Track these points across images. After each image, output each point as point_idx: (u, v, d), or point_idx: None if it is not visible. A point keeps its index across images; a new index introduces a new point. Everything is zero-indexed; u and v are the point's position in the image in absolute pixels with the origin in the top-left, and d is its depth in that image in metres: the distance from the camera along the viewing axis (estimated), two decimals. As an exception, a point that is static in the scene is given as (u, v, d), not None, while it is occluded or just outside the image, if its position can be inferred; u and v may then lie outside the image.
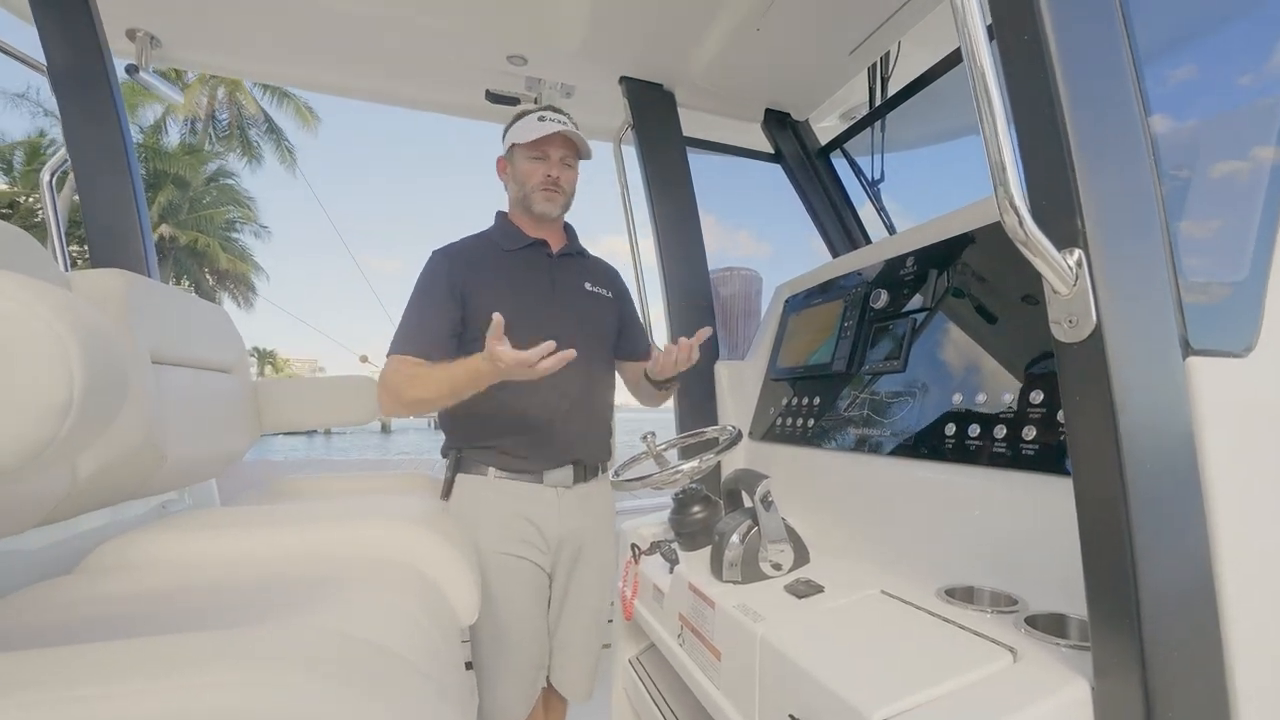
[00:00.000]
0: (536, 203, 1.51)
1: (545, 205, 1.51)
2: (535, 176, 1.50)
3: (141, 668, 0.47)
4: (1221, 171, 0.75)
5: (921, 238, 1.20)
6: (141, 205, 1.72)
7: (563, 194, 1.54)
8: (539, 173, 1.50)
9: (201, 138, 23.93)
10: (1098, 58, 0.62)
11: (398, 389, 1.38)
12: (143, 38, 1.83)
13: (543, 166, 1.50)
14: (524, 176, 1.52)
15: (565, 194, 1.54)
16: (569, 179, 1.55)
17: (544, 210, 1.52)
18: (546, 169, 1.50)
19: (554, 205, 1.53)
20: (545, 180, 1.50)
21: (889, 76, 2.06)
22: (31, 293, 0.40)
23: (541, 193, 1.51)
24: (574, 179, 1.57)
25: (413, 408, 1.41)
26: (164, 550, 1.10)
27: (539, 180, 1.50)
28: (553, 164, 1.51)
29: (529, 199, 1.52)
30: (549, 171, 1.50)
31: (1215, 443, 0.60)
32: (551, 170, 1.50)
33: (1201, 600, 0.58)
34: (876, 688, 0.63)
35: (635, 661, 1.41)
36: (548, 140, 1.48)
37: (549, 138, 1.48)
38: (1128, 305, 0.59)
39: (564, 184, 1.53)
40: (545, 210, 1.52)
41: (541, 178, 1.50)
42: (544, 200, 1.51)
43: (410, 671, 0.60)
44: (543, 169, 1.50)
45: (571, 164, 1.55)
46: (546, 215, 1.53)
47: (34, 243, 0.98)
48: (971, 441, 0.92)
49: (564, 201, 1.55)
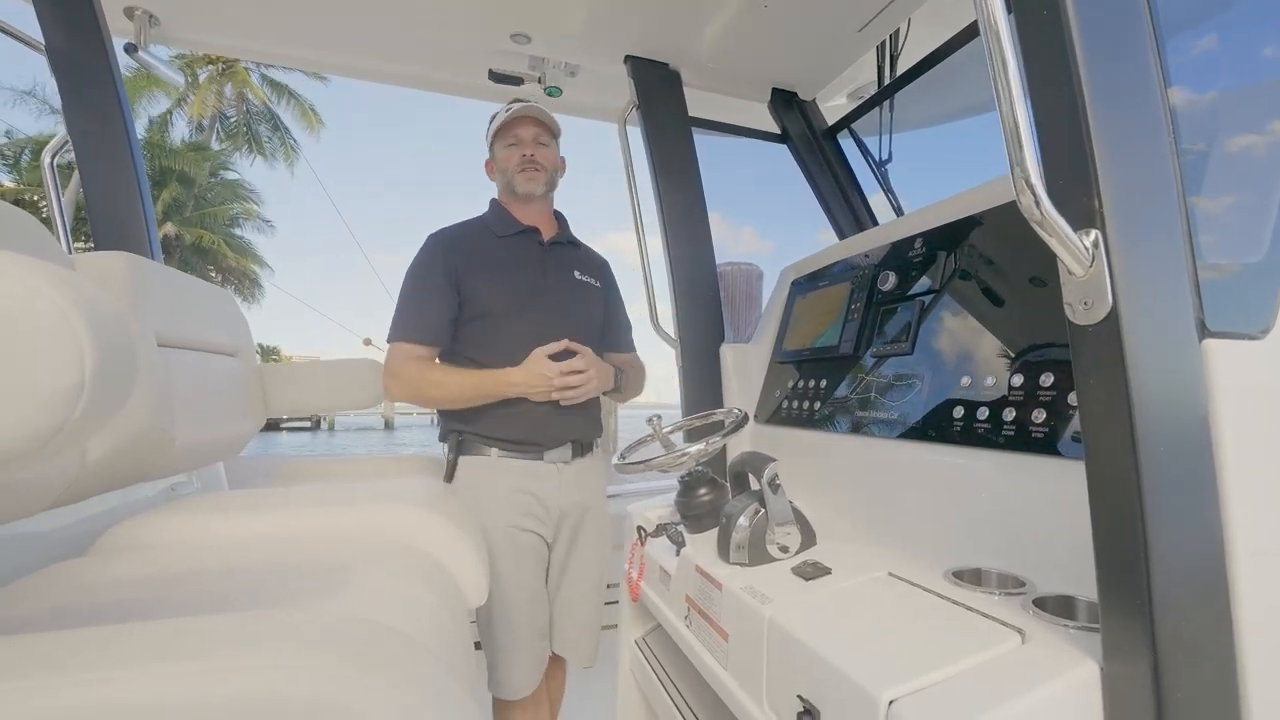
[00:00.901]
0: (519, 184, 1.57)
1: (527, 185, 1.57)
2: (512, 159, 1.57)
3: (157, 651, 0.47)
4: (1240, 148, 0.73)
5: (929, 219, 1.18)
6: (144, 186, 1.71)
7: (543, 170, 1.58)
8: (515, 156, 1.57)
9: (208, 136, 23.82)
10: (1118, 31, 0.60)
11: (417, 387, 1.48)
12: (141, 16, 1.80)
13: (518, 149, 1.57)
14: (503, 163, 1.59)
15: (545, 170, 1.59)
16: (546, 156, 1.59)
17: (527, 189, 1.57)
18: (520, 150, 1.57)
19: (535, 183, 1.57)
20: (521, 160, 1.56)
21: (898, 55, 2.02)
22: (38, 274, 0.40)
23: (520, 174, 1.57)
24: (552, 156, 1.62)
25: (428, 403, 1.51)
26: (175, 532, 1.10)
27: (516, 162, 1.57)
28: (526, 144, 1.57)
29: (512, 182, 1.58)
30: (523, 152, 1.57)
31: (1231, 425, 0.59)
32: (525, 150, 1.57)
33: (1213, 584, 0.58)
34: (885, 668, 0.64)
35: (641, 643, 1.43)
36: (517, 123, 1.57)
37: (517, 120, 1.56)
38: (1144, 287, 0.58)
39: (541, 160, 1.58)
40: (528, 189, 1.57)
41: (518, 159, 1.57)
42: (525, 180, 1.57)
43: (420, 653, 0.61)
44: (517, 151, 1.57)
45: (546, 142, 1.60)
46: (531, 193, 1.58)
47: (37, 224, 0.98)
48: (979, 424, 0.91)
49: (545, 178, 1.59)
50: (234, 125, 24.28)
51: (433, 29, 1.93)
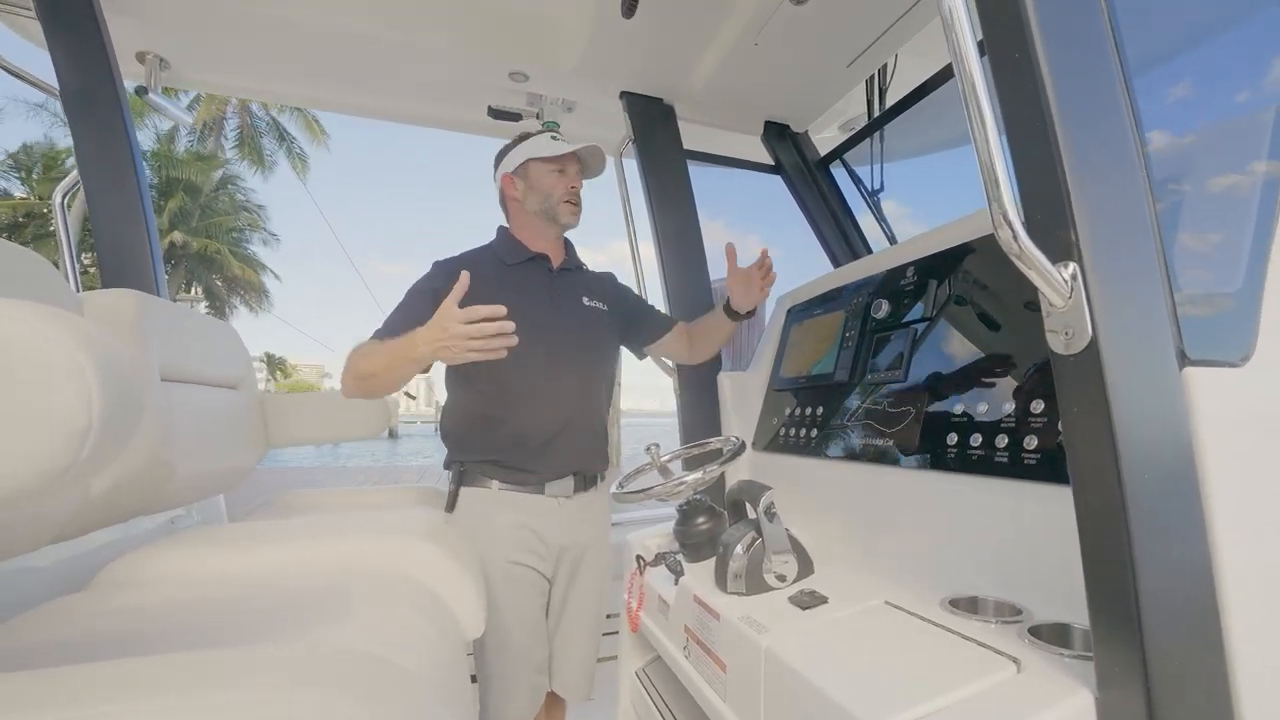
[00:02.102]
0: (562, 214, 1.58)
1: (569, 217, 1.59)
2: (560, 188, 1.56)
3: (153, 686, 0.48)
4: (1215, 184, 0.75)
5: (922, 247, 1.20)
6: (151, 225, 1.75)
7: (580, 208, 1.61)
8: (563, 185, 1.57)
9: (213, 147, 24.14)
10: (1088, 73, 0.63)
11: (351, 367, 1.36)
12: (152, 60, 1.87)
13: (565, 179, 1.57)
14: (549, 188, 1.56)
15: (580, 208, 1.62)
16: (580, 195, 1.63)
17: (568, 221, 1.59)
18: (569, 181, 1.57)
19: (575, 217, 1.60)
20: (569, 192, 1.57)
21: (887, 88, 2.07)
22: (49, 321, 0.42)
23: (566, 205, 1.57)
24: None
25: (362, 381, 1.37)
26: (173, 567, 1.11)
27: (563, 192, 1.56)
28: (573, 177, 1.58)
29: (555, 210, 1.57)
30: (573, 184, 1.57)
31: (1214, 452, 0.60)
32: (576, 183, 1.58)
33: (1203, 610, 0.58)
34: (881, 699, 0.64)
35: (642, 674, 1.41)
36: (569, 159, 1.57)
37: (570, 156, 1.56)
38: (1123, 317, 0.59)
39: (580, 197, 1.61)
40: (569, 221, 1.60)
41: (566, 189, 1.57)
42: (568, 212, 1.58)
43: (416, 686, 0.61)
44: (566, 181, 1.57)
45: (580, 184, 1.63)
46: (569, 226, 1.61)
47: (47, 265, 1.00)
48: (974, 451, 0.92)
49: (579, 215, 1.62)
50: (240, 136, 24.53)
51: (434, 69, 1.99)
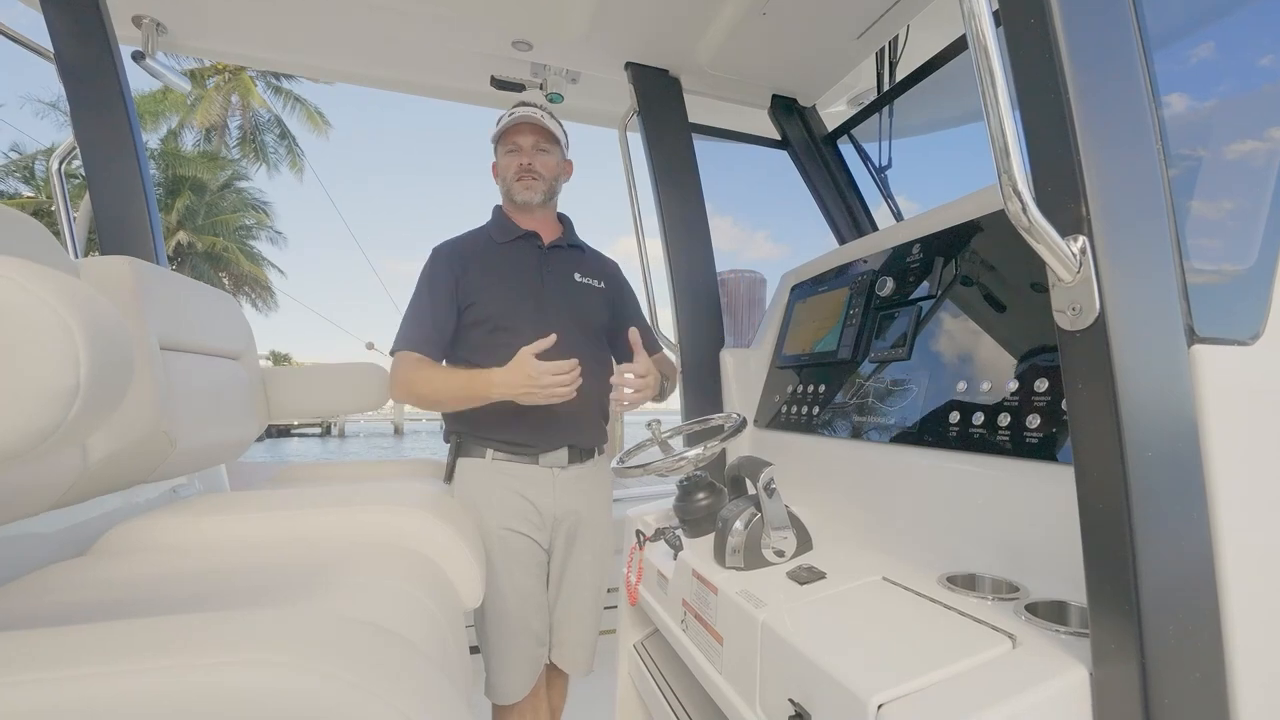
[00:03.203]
0: (516, 192, 1.59)
1: (524, 193, 1.59)
2: (511, 168, 1.59)
3: (146, 647, 0.48)
4: (1230, 156, 0.74)
5: (928, 225, 1.19)
6: (149, 192, 1.73)
7: (540, 179, 1.59)
8: (513, 164, 1.59)
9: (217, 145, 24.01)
10: (1105, 41, 0.61)
11: (410, 383, 1.50)
12: (149, 24, 1.83)
13: (516, 157, 1.59)
14: (503, 170, 1.61)
15: (544, 179, 1.60)
16: (545, 163, 1.60)
17: (524, 198, 1.59)
18: (519, 158, 1.58)
19: (533, 192, 1.59)
20: (519, 169, 1.58)
21: (897, 61, 2.03)
22: (37, 279, 0.41)
23: (518, 183, 1.59)
24: (551, 163, 1.62)
25: (422, 402, 1.52)
26: (174, 533, 1.11)
27: (514, 170, 1.58)
28: (525, 152, 1.58)
29: (510, 191, 1.60)
30: (521, 160, 1.58)
31: (1219, 431, 0.59)
32: (524, 159, 1.58)
33: (1201, 589, 0.58)
34: (875, 672, 0.64)
35: (639, 646, 1.43)
36: (517, 130, 1.57)
37: (518, 127, 1.57)
38: (1132, 293, 0.58)
39: (540, 169, 1.59)
40: (525, 198, 1.59)
41: (515, 168, 1.58)
42: (522, 189, 1.59)
43: (413, 653, 0.61)
44: (516, 159, 1.58)
45: (546, 148, 1.60)
46: (528, 202, 1.59)
47: (42, 230, 0.99)
48: (976, 429, 0.92)
49: (543, 187, 1.60)
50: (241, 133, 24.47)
51: (436, 37, 1.95)
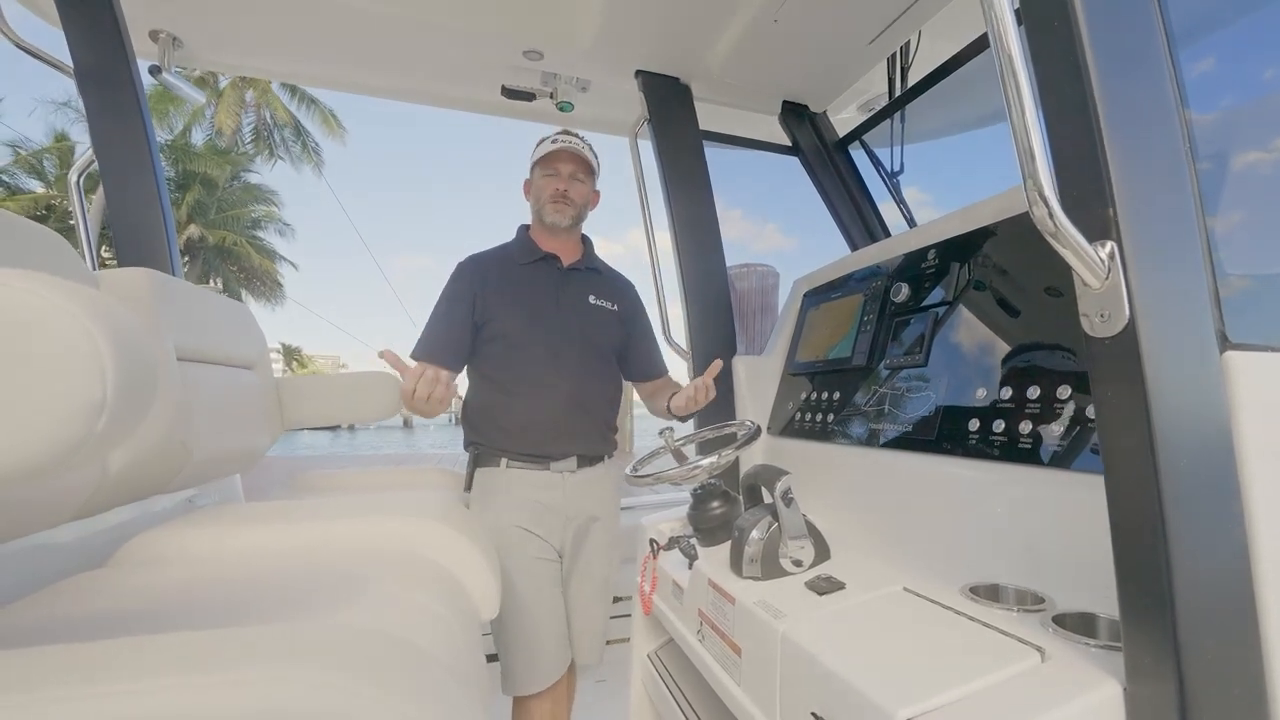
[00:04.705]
0: (547, 214, 1.67)
1: (554, 215, 1.66)
2: (547, 190, 1.66)
3: (167, 664, 0.48)
4: (1259, 158, 0.72)
5: (942, 230, 1.18)
6: (165, 204, 1.75)
7: (572, 206, 1.67)
8: (550, 186, 1.66)
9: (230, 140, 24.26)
10: (1130, 43, 0.60)
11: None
12: (165, 39, 1.86)
13: (554, 181, 1.65)
14: (538, 190, 1.68)
15: (575, 206, 1.68)
16: (579, 192, 1.68)
17: (554, 220, 1.67)
18: (556, 183, 1.65)
19: (563, 216, 1.66)
20: (554, 193, 1.65)
21: (909, 67, 2.02)
22: (63, 294, 0.41)
23: (551, 204, 1.66)
24: (585, 192, 1.70)
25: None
26: (193, 545, 1.12)
27: (549, 193, 1.66)
28: (562, 179, 1.66)
29: (542, 210, 1.68)
30: (558, 185, 1.65)
31: (1254, 439, 0.58)
32: (561, 184, 1.65)
33: (1239, 602, 0.57)
34: (901, 686, 0.62)
35: (654, 656, 1.42)
36: (558, 157, 1.65)
37: (559, 154, 1.65)
38: (1162, 298, 0.57)
39: (573, 196, 1.67)
40: (555, 220, 1.66)
41: (551, 190, 1.66)
42: (553, 211, 1.66)
43: (432, 665, 0.61)
44: (553, 183, 1.65)
45: (582, 179, 1.69)
46: (557, 225, 1.67)
47: (63, 243, 1.00)
48: (995, 437, 0.90)
49: (574, 213, 1.68)
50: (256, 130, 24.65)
51: (448, 48, 1.96)
